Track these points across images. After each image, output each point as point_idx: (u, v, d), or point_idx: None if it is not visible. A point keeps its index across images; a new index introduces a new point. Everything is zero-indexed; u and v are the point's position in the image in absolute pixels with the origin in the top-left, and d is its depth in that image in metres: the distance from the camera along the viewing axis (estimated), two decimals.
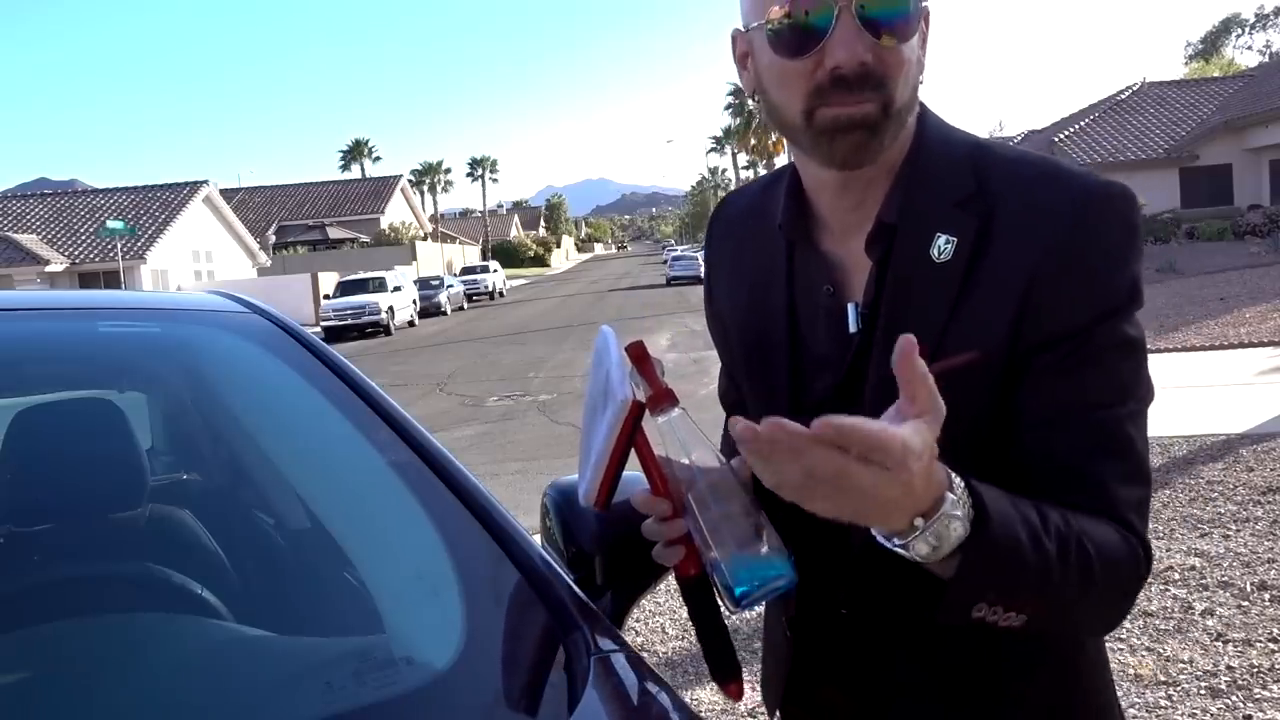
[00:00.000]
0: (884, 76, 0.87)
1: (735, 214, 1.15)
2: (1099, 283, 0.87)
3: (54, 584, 1.25)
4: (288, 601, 1.31)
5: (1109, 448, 0.86)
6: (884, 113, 0.88)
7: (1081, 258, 0.87)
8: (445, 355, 17.98)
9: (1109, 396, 0.87)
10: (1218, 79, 35.96)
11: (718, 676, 0.97)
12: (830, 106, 0.88)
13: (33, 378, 1.54)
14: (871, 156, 0.90)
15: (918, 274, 0.91)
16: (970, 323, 0.88)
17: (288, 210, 55.14)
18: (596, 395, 0.94)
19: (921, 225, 0.92)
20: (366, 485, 1.35)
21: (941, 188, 0.93)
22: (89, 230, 31.09)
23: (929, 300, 0.90)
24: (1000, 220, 0.89)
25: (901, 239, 0.93)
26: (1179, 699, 2.96)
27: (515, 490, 6.45)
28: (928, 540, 0.74)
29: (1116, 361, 0.88)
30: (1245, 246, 21.40)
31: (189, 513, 1.44)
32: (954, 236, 0.90)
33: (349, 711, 0.94)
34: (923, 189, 0.93)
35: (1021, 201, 0.90)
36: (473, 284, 39.05)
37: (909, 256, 0.92)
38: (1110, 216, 0.88)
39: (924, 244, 0.91)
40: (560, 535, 1.31)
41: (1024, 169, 0.93)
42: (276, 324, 1.54)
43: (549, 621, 1.06)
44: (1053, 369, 0.87)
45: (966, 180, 0.92)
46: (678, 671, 3.52)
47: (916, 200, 0.93)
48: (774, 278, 1.04)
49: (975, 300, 0.89)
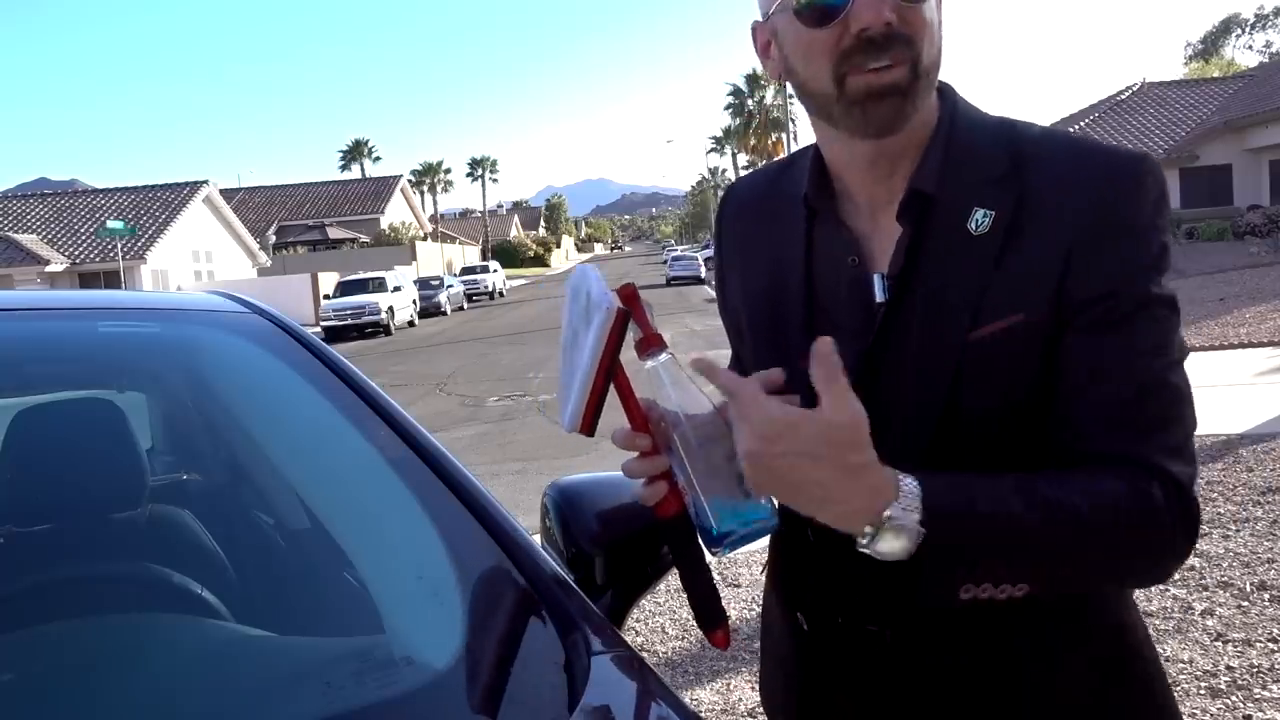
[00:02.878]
0: (910, 35, 0.89)
1: (747, 197, 1.16)
2: (1135, 243, 0.90)
3: (54, 584, 1.25)
4: (287, 601, 1.31)
5: (1150, 395, 0.88)
6: (913, 74, 0.90)
7: (1116, 221, 0.89)
8: (445, 355, 17.98)
9: (1148, 347, 0.89)
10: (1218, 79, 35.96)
11: (703, 623, 0.97)
12: (861, 73, 0.89)
13: (33, 377, 1.54)
14: (904, 121, 0.92)
15: (955, 245, 0.93)
16: (1013, 286, 0.90)
17: (288, 210, 55.15)
18: (577, 320, 0.94)
19: (960, 198, 0.93)
20: (366, 485, 1.35)
21: (978, 163, 0.94)
22: (89, 230, 31.09)
23: (966, 269, 0.92)
24: (1034, 195, 0.91)
25: (939, 210, 0.94)
26: (1179, 699, 2.95)
27: (515, 490, 6.45)
28: (886, 541, 0.79)
29: (1153, 317, 0.89)
30: (1245, 247, 21.40)
31: (189, 513, 1.44)
32: (991, 210, 0.92)
33: (349, 711, 0.94)
34: (960, 163, 0.95)
35: (1054, 176, 0.92)
36: (473, 284, 39.07)
37: (946, 227, 0.93)
38: (1140, 182, 0.91)
39: (961, 216, 0.93)
40: (560, 535, 1.31)
41: (1053, 145, 0.95)
42: (276, 324, 1.54)
43: (549, 621, 1.06)
44: (1095, 323, 0.89)
45: (1001, 157, 0.94)
46: (678, 671, 3.52)
47: (954, 173, 0.95)
48: (791, 253, 1.04)
49: (1013, 270, 0.90)
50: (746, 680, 3.37)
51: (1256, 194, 27.75)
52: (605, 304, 0.87)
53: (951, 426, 0.92)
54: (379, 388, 1.41)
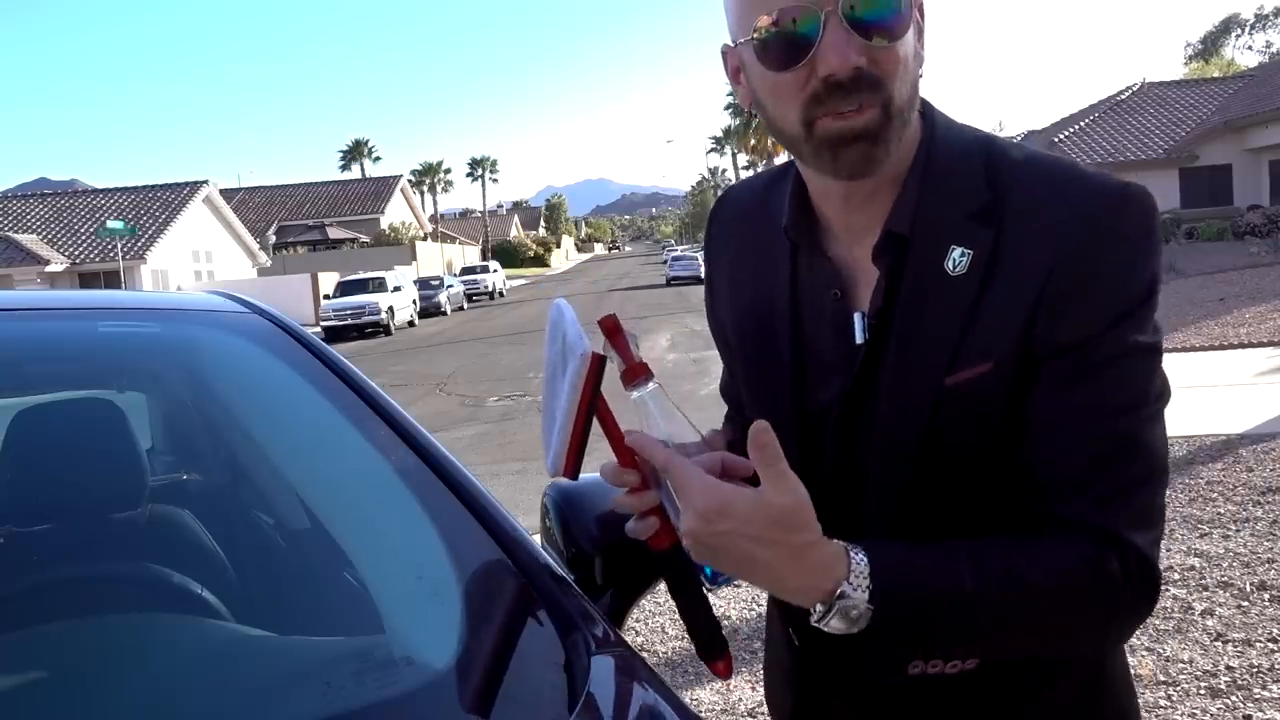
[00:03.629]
0: (880, 78, 0.85)
1: (736, 212, 1.13)
2: (1113, 289, 0.85)
3: (54, 584, 1.25)
4: (287, 601, 1.31)
5: (1117, 457, 0.85)
6: (885, 116, 0.86)
7: (1095, 265, 0.85)
8: (445, 355, 17.98)
9: (1120, 402, 0.85)
10: (1217, 79, 35.96)
11: (704, 654, 0.94)
12: (829, 118, 0.86)
13: (33, 377, 1.54)
14: (876, 165, 0.88)
15: (931, 287, 0.90)
16: (985, 333, 0.87)
17: (288, 210, 55.16)
18: (555, 361, 0.93)
19: (935, 237, 0.90)
20: (366, 485, 1.35)
21: (955, 197, 0.91)
22: (89, 230, 31.09)
23: (943, 312, 0.89)
24: (1014, 229, 0.88)
25: (914, 251, 0.91)
26: (1179, 699, 2.96)
27: (515, 490, 6.45)
28: (837, 620, 0.79)
29: (1130, 367, 0.86)
30: (1245, 247, 21.40)
31: (189, 512, 1.44)
32: (969, 249, 0.88)
33: (349, 711, 0.94)
34: (935, 198, 0.91)
35: (1036, 209, 0.88)
36: (473, 284, 39.07)
37: (921, 269, 0.90)
38: (1125, 220, 0.86)
39: (937, 256, 0.89)
40: (560, 535, 1.31)
41: (1038, 174, 0.90)
42: (276, 324, 1.54)
43: (549, 621, 1.06)
44: (1063, 375, 0.85)
45: (980, 189, 0.90)
46: (678, 671, 3.52)
47: (929, 210, 0.91)
48: (777, 280, 1.02)
49: (990, 311, 0.87)
50: (746, 680, 3.37)
51: (1256, 194, 27.75)
52: (580, 350, 0.86)
53: (928, 469, 0.90)
54: (379, 388, 1.41)
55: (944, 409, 0.88)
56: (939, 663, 0.83)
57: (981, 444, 0.89)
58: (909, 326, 0.91)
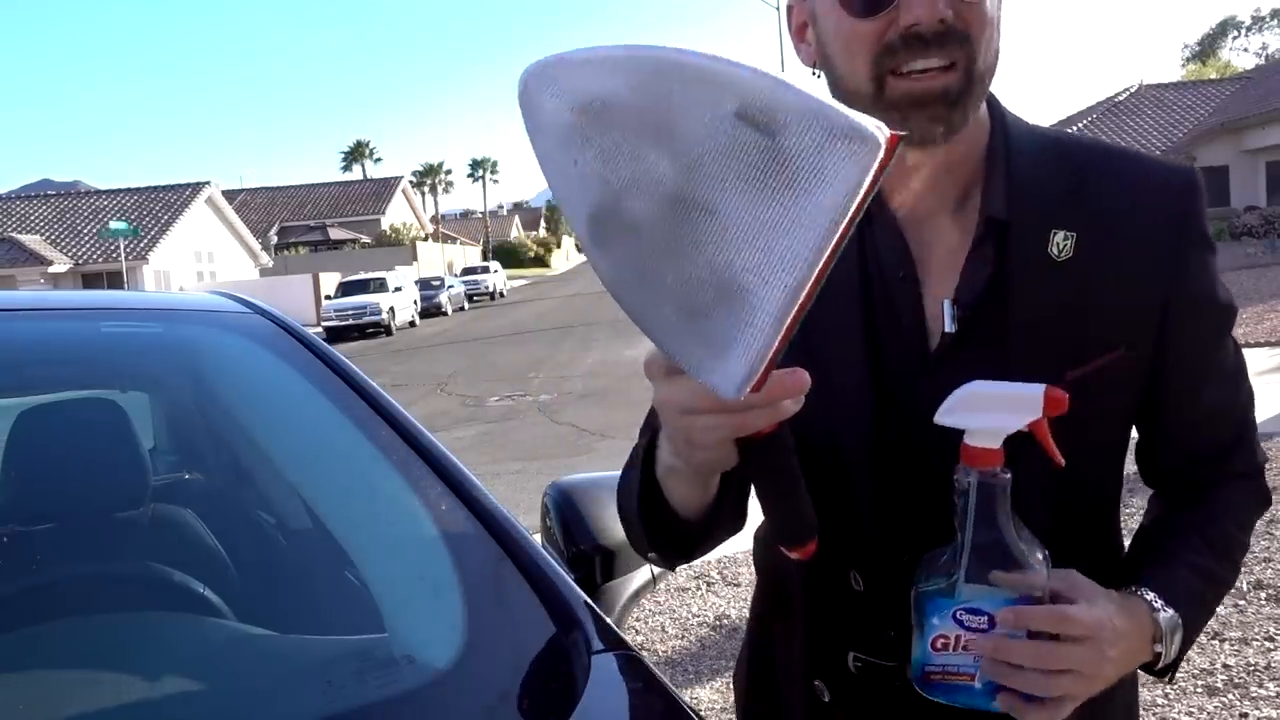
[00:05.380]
0: (967, 33, 0.78)
1: None
2: (1210, 254, 0.90)
3: (56, 583, 1.26)
4: (289, 601, 1.31)
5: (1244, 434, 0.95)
6: (966, 78, 0.79)
7: (1193, 236, 0.88)
8: (446, 355, 17.97)
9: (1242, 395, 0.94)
10: (1214, 81, 35.92)
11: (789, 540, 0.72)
12: (903, 76, 0.79)
13: (36, 378, 1.54)
14: (951, 132, 0.81)
15: (1038, 273, 0.85)
16: (1104, 323, 0.85)
17: (289, 211, 55.13)
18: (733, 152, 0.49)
19: (1034, 221, 0.85)
20: (367, 485, 1.35)
21: (1044, 180, 0.87)
22: (92, 231, 31.08)
23: (1056, 301, 0.84)
24: (1106, 214, 0.86)
25: (1014, 235, 0.85)
26: (1176, 697, 2.96)
27: (515, 490, 6.45)
28: (1172, 649, 0.83)
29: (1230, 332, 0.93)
30: (1242, 248, 21.37)
31: (191, 512, 1.45)
32: (1072, 232, 0.85)
33: (350, 710, 0.94)
34: (1025, 182, 0.86)
35: (1123, 193, 0.87)
36: (473, 284, 39.03)
37: (1026, 255, 0.85)
38: (1199, 192, 0.89)
39: (1040, 241, 0.85)
40: (560, 535, 1.31)
41: (1110, 159, 0.90)
42: (278, 324, 1.54)
43: (549, 621, 1.06)
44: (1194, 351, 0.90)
45: (1064, 171, 0.87)
46: (678, 671, 3.52)
47: (1022, 195, 0.86)
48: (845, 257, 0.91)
49: (1107, 299, 0.85)
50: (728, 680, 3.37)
51: (1253, 195, 27.71)
52: (871, 130, 0.48)
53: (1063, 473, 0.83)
54: (380, 388, 1.41)
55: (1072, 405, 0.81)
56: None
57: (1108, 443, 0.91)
58: (1020, 317, 0.85)
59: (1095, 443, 0.89)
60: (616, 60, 0.49)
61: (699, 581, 4.39)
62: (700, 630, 3.87)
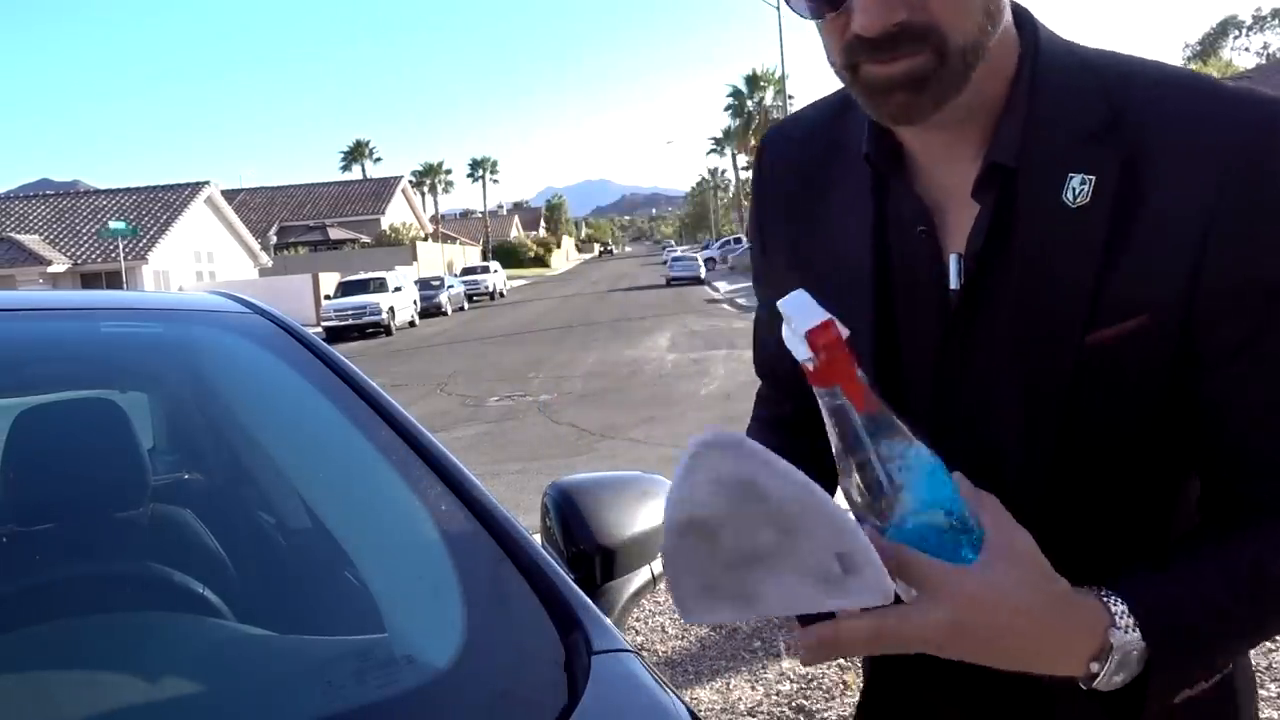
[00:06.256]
0: (927, 25, 0.72)
1: (794, 151, 0.97)
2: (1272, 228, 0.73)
3: (56, 583, 1.26)
4: (288, 601, 1.31)
5: None
6: (938, 60, 0.73)
7: (1260, 193, 0.72)
8: (446, 355, 17.99)
9: None
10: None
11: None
12: (871, 63, 0.74)
13: (35, 377, 1.54)
14: (923, 113, 0.76)
15: (1049, 223, 0.77)
16: (1129, 282, 0.74)
17: (289, 211, 55.17)
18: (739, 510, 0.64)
19: (1048, 165, 0.77)
20: (367, 485, 1.35)
21: (1068, 118, 0.78)
22: (91, 231, 31.09)
23: (1069, 253, 0.76)
24: (1151, 152, 0.75)
25: (1024, 182, 0.78)
26: None
27: (515, 490, 6.46)
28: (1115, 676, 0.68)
29: None
30: None
31: (190, 512, 1.44)
32: (1089, 175, 0.76)
33: (349, 710, 0.94)
34: (1044, 121, 0.78)
35: (1172, 130, 0.75)
36: (473, 284, 39.07)
37: (1036, 202, 0.78)
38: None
39: (1053, 186, 0.77)
40: (560, 535, 1.31)
41: (1173, 87, 0.77)
42: (278, 324, 1.54)
43: (549, 621, 1.06)
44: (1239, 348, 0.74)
45: (1097, 105, 0.77)
46: (678, 671, 3.52)
47: (1038, 136, 0.78)
48: (858, 215, 0.88)
49: (1135, 250, 0.74)
50: (746, 680, 3.38)
51: None
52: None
53: (1072, 449, 0.79)
54: (380, 388, 1.41)
55: (1088, 372, 0.76)
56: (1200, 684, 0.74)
57: (1132, 419, 0.78)
58: (1030, 273, 0.78)
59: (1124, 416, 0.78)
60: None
61: None
62: (700, 630, 3.87)
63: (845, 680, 3.27)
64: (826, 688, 3.24)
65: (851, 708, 3.10)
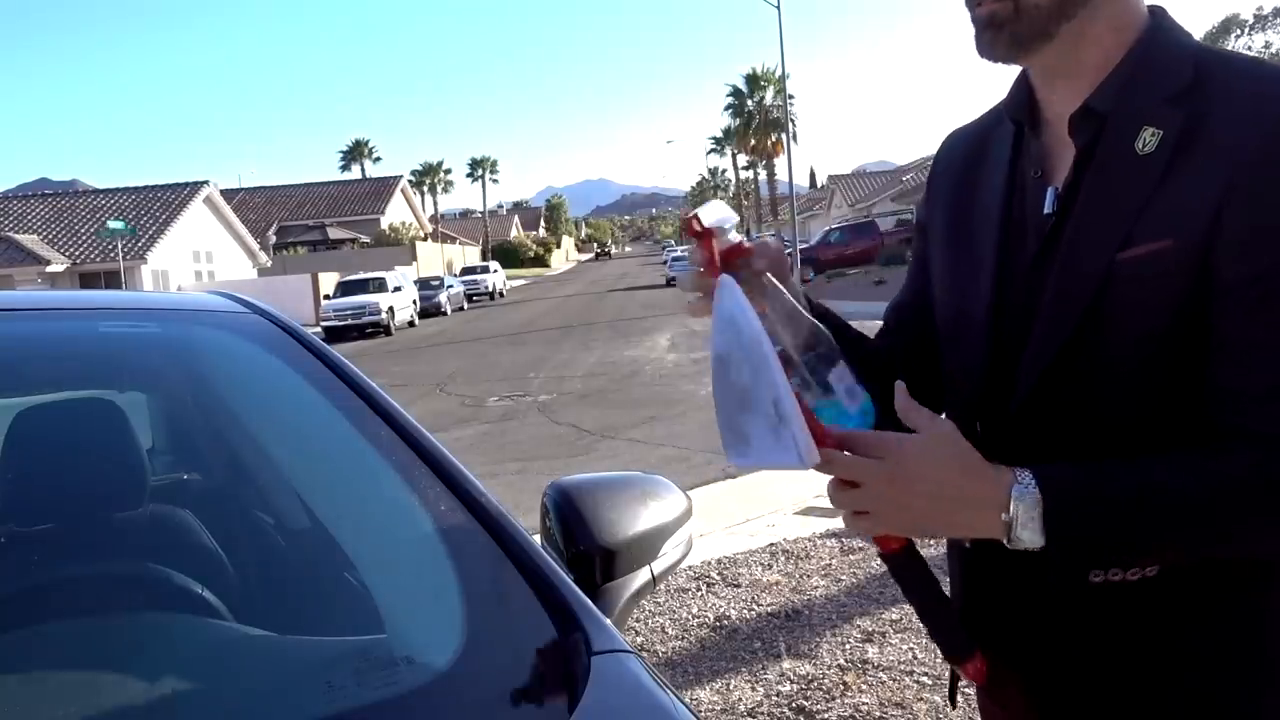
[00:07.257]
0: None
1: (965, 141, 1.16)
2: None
3: (54, 583, 1.26)
4: (288, 601, 1.31)
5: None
6: (1013, 10, 0.92)
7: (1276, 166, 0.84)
8: (445, 355, 17.98)
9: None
10: None
11: (950, 655, 0.96)
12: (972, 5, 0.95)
13: (34, 378, 1.54)
14: (1012, 52, 0.95)
15: (1118, 164, 0.93)
16: (1167, 211, 0.88)
17: (288, 210, 55.16)
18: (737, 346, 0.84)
19: (1131, 117, 0.93)
20: (366, 485, 1.35)
21: (1158, 81, 0.93)
22: (90, 230, 31.09)
23: (1126, 189, 0.91)
24: (1205, 118, 0.88)
25: (1110, 128, 0.94)
26: None
27: (515, 490, 6.45)
28: (1027, 528, 0.83)
29: None
30: None
31: (189, 512, 1.44)
32: (1160, 130, 0.90)
33: (349, 711, 0.94)
34: (1139, 83, 0.94)
35: (1228, 100, 0.88)
36: (473, 284, 39.09)
37: (1114, 145, 0.93)
38: None
39: (1129, 135, 0.92)
40: (560, 535, 1.31)
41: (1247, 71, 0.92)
42: (277, 324, 1.54)
43: (549, 621, 1.06)
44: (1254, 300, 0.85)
45: (1183, 75, 0.92)
46: (678, 671, 3.52)
47: (1131, 91, 0.94)
48: (1001, 170, 1.06)
49: (1175, 189, 0.88)
50: (746, 680, 3.37)
51: None
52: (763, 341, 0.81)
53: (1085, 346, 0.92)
54: (379, 388, 1.41)
55: (1115, 284, 0.90)
56: (1118, 571, 0.89)
57: (1145, 329, 0.89)
58: (1091, 199, 0.94)
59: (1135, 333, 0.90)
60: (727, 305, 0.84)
61: (699, 583, 4.39)
62: (700, 631, 3.87)
63: (845, 680, 3.27)
64: (826, 688, 3.24)
65: (852, 708, 3.10)
